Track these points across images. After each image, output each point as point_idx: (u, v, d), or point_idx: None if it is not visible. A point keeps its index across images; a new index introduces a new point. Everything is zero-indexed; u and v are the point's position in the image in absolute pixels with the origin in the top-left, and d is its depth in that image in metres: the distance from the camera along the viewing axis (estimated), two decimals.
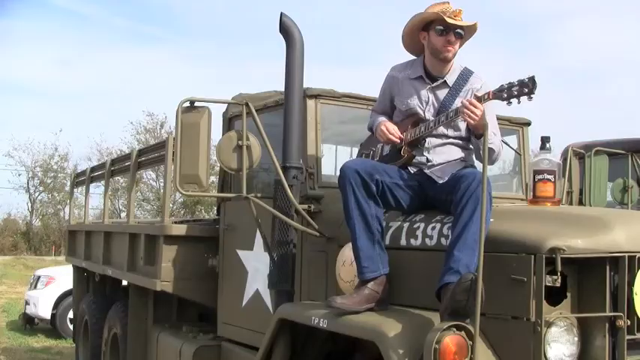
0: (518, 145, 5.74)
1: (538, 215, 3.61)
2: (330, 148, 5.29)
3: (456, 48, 4.00)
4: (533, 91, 3.51)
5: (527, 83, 3.51)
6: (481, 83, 4.03)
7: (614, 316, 3.29)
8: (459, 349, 3.08)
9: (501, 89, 3.61)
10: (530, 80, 3.51)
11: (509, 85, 3.58)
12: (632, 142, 7.29)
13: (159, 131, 31.94)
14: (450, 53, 3.99)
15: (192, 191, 4.59)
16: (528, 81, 3.51)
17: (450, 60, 4.03)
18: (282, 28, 4.55)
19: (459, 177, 3.67)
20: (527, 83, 3.51)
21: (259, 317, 4.88)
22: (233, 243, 5.45)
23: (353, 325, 3.58)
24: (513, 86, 3.55)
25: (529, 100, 3.54)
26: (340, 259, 4.06)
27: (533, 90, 3.51)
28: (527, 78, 3.52)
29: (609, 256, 3.31)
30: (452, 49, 3.97)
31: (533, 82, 3.50)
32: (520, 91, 3.53)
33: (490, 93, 3.68)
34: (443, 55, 3.99)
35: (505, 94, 3.58)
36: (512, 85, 3.56)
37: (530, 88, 3.51)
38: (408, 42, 4.19)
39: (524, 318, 3.23)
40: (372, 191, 3.77)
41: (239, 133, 4.59)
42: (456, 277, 3.27)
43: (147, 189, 31.67)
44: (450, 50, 3.97)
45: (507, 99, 3.59)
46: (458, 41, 3.99)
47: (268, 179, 5.14)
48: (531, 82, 3.51)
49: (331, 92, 4.88)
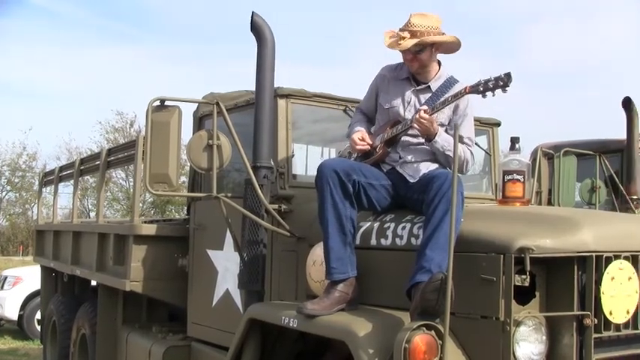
0: (488, 146, 5.78)
1: (507, 215, 3.64)
2: (301, 147, 5.29)
3: (420, 61, 4.09)
4: (508, 84, 3.65)
5: (503, 78, 3.66)
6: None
7: (581, 314, 3.32)
8: (428, 348, 3.08)
9: (478, 84, 3.75)
10: (506, 75, 3.66)
11: (485, 80, 3.72)
12: (599, 143, 7.39)
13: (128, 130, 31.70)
14: (413, 68, 4.14)
15: (162, 191, 4.56)
16: (504, 76, 3.66)
17: (417, 72, 4.16)
18: (253, 27, 4.54)
19: (431, 177, 3.70)
20: (503, 78, 3.66)
21: (229, 317, 4.86)
22: (203, 243, 5.42)
23: (323, 325, 3.58)
24: (489, 81, 3.70)
25: (503, 92, 3.68)
26: (311, 259, 4.06)
27: (508, 83, 3.65)
28: (504, 74, 3.67)
29: (577, 255, 3.34)
30: (415, 64, 4.11)
31: (508, 77, 3.65)
32: (496, 84, 3.68)
33: (467, 87, 3.82)
34: (410, 69, 4.17)
35: (481, 88, 3.73)
36: (488, 80, 3.70)
37: (505, 82, 3.65)
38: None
39: (494, 317, 3.25)
40: (349, 192, 3.79)
41: (209, 132, 4.58)
42: (427, 277, 3.28)
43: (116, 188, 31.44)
44: (413, 65, 4.12)
45: (483, 92, 3.73)
46: (419, 55, 4.06)
47: (239, 179, 5.13)
48: (507, 77, 3.65)
49: (302, 92, 4.88)
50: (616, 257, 3.41)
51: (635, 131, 6.98)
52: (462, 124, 4.09)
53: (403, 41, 4.01)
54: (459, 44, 4.18)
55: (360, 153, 4.20)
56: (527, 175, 4.00)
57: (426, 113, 3.89)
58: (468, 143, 4.15)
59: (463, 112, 4.12)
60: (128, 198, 28.83)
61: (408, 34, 4.01)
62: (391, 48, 4.07)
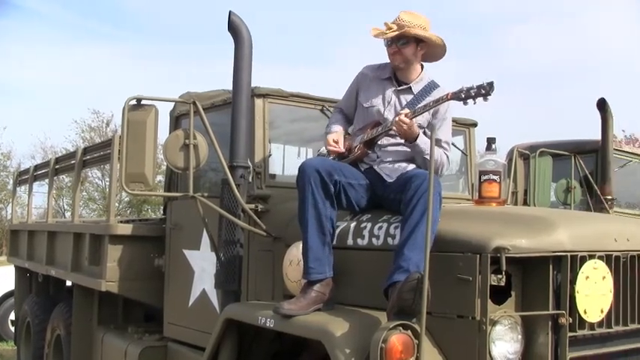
0: (465, 146, 5.81)
1: (483, 215, 3.65)
2: (278, 147, 5.28)
3: (403, 55, 4.11)
4: (490, 93, 3.66)
5: (485, 86, 3.67)
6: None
7: (556, 314, 3.34)
8: (405, 348, 3.09)
9: (460, 91, 3.76)
10: (488, 84, 3.66)
11: (468, 88, 3.72)
12: (575, 143, 7.44)
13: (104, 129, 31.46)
14: (396, 62, 4.13)
15: (139, 190, 4.53)
16: (487, 85, 3.67)
17: (398, 67, 4.16)
18: (230, 26, 4.53)
19: (409, 177, 3.72)
20: (485, 86, 3.67)
21: (206, 317, 4.84)
22: (179, 243, 5.40)
23: (300, 324, 3.58)
24: (472, 89, 3.70)
25: (485, 100, 3.69)
26: (287, 259, 4.05)
27: (490, 92, 3.66)
28: (486, 82, 3.68)
29: (552, 255, 3.36)
30: (398, 57, 4.11)
31: (490, 86, 3.66)
32: (478, 92, 3.68)
33: (449, 94, 3.82)
34: (392, 63, 4.16)
35: (463, 95, 3.74)
36: (470, 87, 3.71)
37: (487, 90, 3.66)
38: None
39: (470, 317, 3.26)
40: (330, 192, 3.79)
41: (186, 131, 4.56)
42: (404, 276, 3.29)
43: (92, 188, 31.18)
44: (396, 59, 4.12)
45: (465, 99, 3.74)
46: (404, 49, 4.09)
47: (215, 178, 5.12)
48: (489, 86, 3.66)
49: (279, 92, 4.87)
50: (590, 257, 3.44)
51: (610, 132, 7.06)
52: (441, 127, 4.11)
53: (389, 31, 4.05)
54: (444, 49, 4.22)
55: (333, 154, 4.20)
56: (503, 175, 4.02)
57: (407, 117, 3.90)
58: (445, 147, 4.16)
59: (442, 116, 4.13)
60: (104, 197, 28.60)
61: (395, 26, 4.06)
62: (377, 37, 4.10)
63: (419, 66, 4.22)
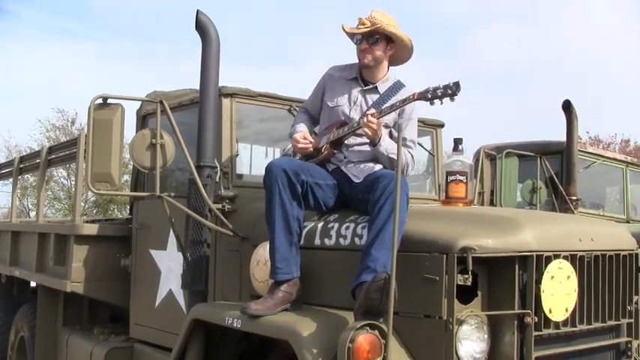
0: (432, 147, 5.83)
1: (450, 215, 3.67)
2: (246, 147, 5.26)
3: (374, 53, 4.12)
4: (457, 93, 3.70)
5: (451, 86, 3.70)
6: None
7: (522, 313, 3.37)
8: (372, 347, 3.09)
9: (427, 91, 3.79)
10: (454, 84, 3.70)
11: (434, 88, 3.75)
12: (541, 144, 7.53)
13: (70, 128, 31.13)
14: (366, 59, 4.13)
15: (104, 190, 4.50)
16: (453, 85, 3.70)
17: (367, 65, 4.16)
18: (198, 25, 4.50)
19: (376, 177, 3.73)
20: (451, 86, 3.70)
21: (172, 318, 4.81)
22: (146, 243, 5.36)
23: (267, 324, 3.57)
24: (438, 89, 3.74)
25: (451, 101, 3.72)
26: (254, 259, 4.04)
27: (456, 92, 3.70)
28: (452, 82, 3.71)
29: (518, 255, 3.39)
30: (367, 55, 4.12)
31: (457, 86, 3.69)
32: (444, 92, 3.72)
33: (416, 94, 3.85)
34: (361, 61, 4.16)
35: (430, 95, 3.77)
36: (437, 87, 3.74)
37: (453, 90, 3.69)
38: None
39: (437, 316, 3.28)
40: (298, 192, 3.79)
41: (153, 131, 4.53)
42: (371, 276, 3.29)
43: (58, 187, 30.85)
44: (366, 57, 4.12)
45: (431, 99, 3.77)
46: (375, 47, 4.11)
47: (182, 178, 5.09)
48: (455, 86, 3.69)
49: (247, 91, 4.86)
50: (556, 257, 3.47)
51: (575, 133, 7.15)
52: (407, 127, 4.12)
53: (363, 27, 4.07)
54: (411, 52, 4.26)
55: (301, 152, 4.20)
56: (469, 175, 4.05)
57: (374, 117, 3.91)
58: (410, 146, 4.18)
59: (409, 116, 4.15)
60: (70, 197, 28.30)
61: (368, 23, 4.07)
62: (350, 31, 4.12)
63: (386, 66, 4.23)
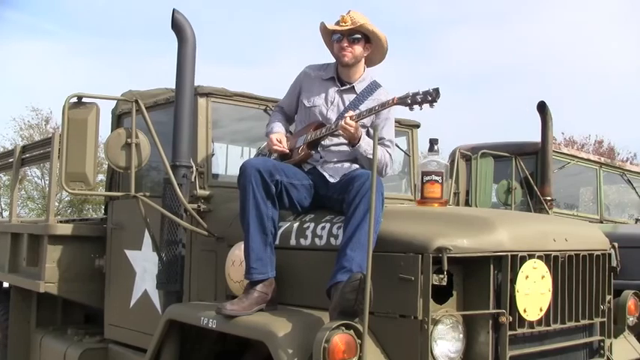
0: (408, 147, 5.85)
1: (426, 216, 3.68)
2: (221, 147, 5.25)
3: (354, 52, 4.14)
4: (436, 99, 3.72)
5: (431, 93, 3.73)
6: (387, 96, 4.15)
7: (497, 313, 3.39)
8: (347, 347, 3.09)
9: (406, 96, 3.80)
10: (434, 91, 3.72)
11: (414, 93, 3.77)
12: (516, 145, 7.56)
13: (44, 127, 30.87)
14: (346, 57, 4.14)
15: (79, 190, 4.46)
16: (432, 91, 3.72)
17: (347, 63, 4.17)
18: (174, 24, 4.48)
19: (352, 177, 3.73)
20: (431, 93, 3.73)
21: (147, 318, 4.79)
22: (121, 243, 5.33)
23: (242, 325, 3.56)
24: (418, 94, 3.75)
25: (431, 107, 3.75)
26: (230, 259, 4.03)
27: (436, 99, 3.72)
28: (432, 89, 3.73)
29: (493, 255, 3.42)
30: (347, 52, 4.13)
31: (436, 93, 3.72)
32: (424, 98, 3.73)
33: (395, 99, 3.86)
34: (341, 59, 4.17)
35: (409, 101, 3.78)
36: (416, 93, 3.76)
37: (433, 97, 3.72)
38: (327, 45, 4.34)
39: (412, 316, 3.29)
40: (272, 192, 3.78)
41: (128, 130, 4.51)
42: (347, 276, 3.30)
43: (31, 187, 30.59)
44: (346, 55, 4.13)
45: (410, 104, 3.78)
46: (355, 45, 4.14)
47: (158, 178, 5.07)
48: (435, 93, 3.72)
49: (222, 91, 4.84)
50: (530, 256, 3.50)
51: (550, 134, 7.19)
52: (384, 127, 4.14)
53: (345, 25, 4.09)
54: (384, 54, 4.29)
55: (276, 154, 4.19)
56: (445, 176, 4.07)
57: (352, 119, 3.91)
58: (388, 145, 4.19)
59: (386, 116, 4.16)
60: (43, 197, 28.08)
61: (349, 20, 4.09)
62: (332, 29, 4.13)
63: (363, 66, 4.25)
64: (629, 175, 8.63)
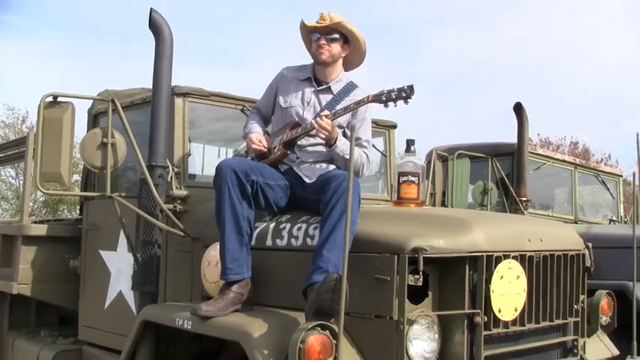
0: (384, 148, 5.87)
1: (402, 216, 3.69)
2: (198, 147, 5.23)
3: (331, 50, 4.17)
4: (411, 96, 3.75)
5: (405, 90, 3.75)
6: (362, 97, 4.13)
7: (472, 313, 3.41)
8: (323, 348, 3.09)
9: (381, 93, 3.83)
10: (408, 87, 3.75)
11: (388, 91, 3.79)
12: (492, 146, 7.60)
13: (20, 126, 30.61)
14: (324, 55, 4.16)
15: (54, 190, 4.44)
16: (407, 88, 3.75)
17: (324, 62, 4.19)
18: (151, 24, 4.46)
19: (328, 177, 3.74)
20: (405, 90, 3.75)
21: (122, 319, 4.76)
22: (96, 243, 5.29)
23: (218, 326, 3.55)
24: (392, 92, 3.78)
25: (405, 104, 3.78)
26: (206, 260, 4.02)
27: (410, 96, 3.75)
28: (407, 86, 3.76)
29: (469, 255, 3.43)
30: (324, 51, 4.16)
31: (411, 90, 3.75)
32: (398, 95, 3.76)
33: (370, 96, 3.88)
34: (318, 58, 4.19)
35: (384, 98, 3.81)
36: (391, 90, 3.78)
37: (407, 94, 3.75)
38: (306, 45, 4.35)
39: (388, 316, 3.30)
40: (248, 192, 3.77)
41: (104, 130, 4.49)
42: (323, 277, 3.30)
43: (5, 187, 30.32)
44: (323, 52, 4.16)
45: (385, 102, 3.81)
46: (332, 44, 4.16)
47: (134, 178, 5.04)
48: (409, 89, 3.75)
49: (200, 91, 4.83)
50: (505, 257, 3.52)
51: (526, 135, 7.24)
52: (361, 127, 4.15)
53: (324, 22, 4.11)
54: (363, 57, 4.32)
55: (255, 153, 4.19)
56: (421, 176, 4.08)
57: (328, 119, 3.92)
58: (365, 146, 4.20)
59: (362, 116, 4.18)
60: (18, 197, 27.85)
61: (328, 18, 4.12)
62: (311, 26, 4.15)
63: (340, 66, 4.26)
64: (603, 176, 8.71)
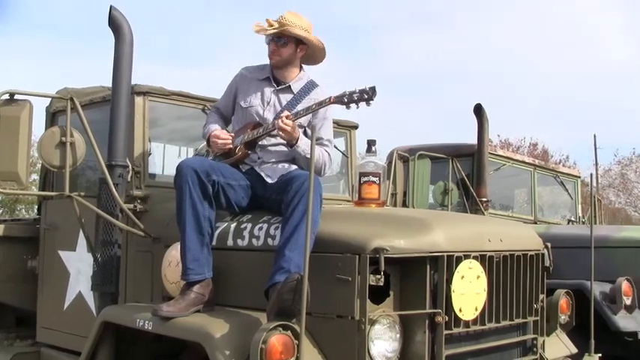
0: (346, 148, 5.88)
1: (363, 216, 3.70)
2: (159, 146, 5.20)
3: (282, 54, 4.17)
4: (373, 98, 3.75)
5: (367, 91, 3.75)
6: (324, 95, 4.15)
7: (433, 312, 3.43)
8: (285, 348, 3.09)
9: (343, 95, 3.82)
10: (370, 89, 3.75)
11: (350, 92, 3.79)
12: (452, 147, 7.66)
13: None
14: (273, 59, 4.19)
15: (11, 189, 4.38)
16: (369, 90, 3.75)
17: (276, 66, 4.21)
18: (111, 21, 4.42)
19: (290, 177, 3.74)
20: (367, 91, 3.75)
21: (82, 320, 4.71)
22: (55, 243, 5.22)
23: (179, 326, 3.53)
24: (354, 93, 3.77)
25: (367, 105, 3.77)
26: (166, 260, 3.99)
27: (372, 97, 3.75)
28: (369, 87, 3.75)
29: (429, 255, 3.45)
30: (277, 56, 4.17)
31: (373, 91, 3.74)
32: (360, 97, 3.76)
33: (332, 98, 3.87)
34: (271, 61, 4.20)
35: (346, 99, 3.80)
36: (353, 92, 3.78)
37: (369, 95, 3.74)
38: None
39: (349, 316, 3.30)
40: (209, 192, 3.76)
41: (63, 129, 4.44)
42: (284, 277, 3.30)
43: None
44: (275, 57, 4.17)
45: (347, 103, 3.80)
46: (282, 49, 4.16)
47: (93, 177, 4.99)
48: (371, 91, 3.74)
49: (160, 90, 4.79)
50: (466, 257, 3.55)
51: (486, 136, 7.30)
52: (322, 127, 4.15)
53: (270, 28, 4.10)
54: (324, 53, 4.29)
55: (220, 150, 4.17)
56: (382, 177, 4.10)
57: (289, 119, 3.91)
58: (326, 145, 4.21)
59: (323, 116, 4.18)
60: None
61: (277, 24, 4.10)
62: (257, 33, 4.13)
63: (298, 66, 4.25)
64: (562, 178, 8.82)
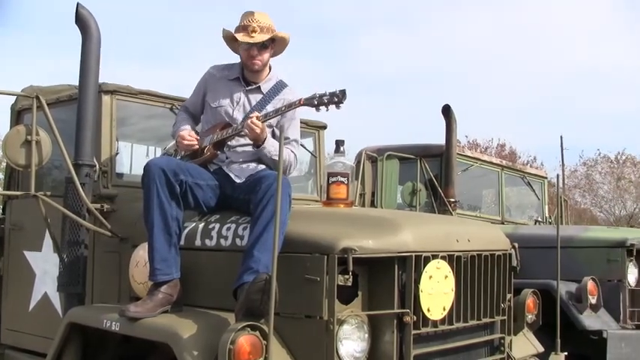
0: (314, 148, 5.88)
1: (331, 216, 3.71)
2: (126, 145, 5.16)
3: (263, 59, 4.16)
4: (342, 101, 3.76)
5: (337, 94, 3.75)
6: (293, 95, 4.16)
7: (401, 312, 3.45)
8: (253, 349, 3.09)
9: (313, 97, 3.82)
10: (340, 92, 3.76)
11: (320, 95, 3.79)
12: (421, 147, 7.69)
13: None
14: (256, 65, 4.17)
15: None
16: (339, 92, 3.75)
17: (256, 71, 4.19)
18: (78, 19, 4.38)
19: (259, 177, 3.73)
20: (337, 94, 3.75)
21: (48, 322, 4.66)
22: (20, 244, 5.17)
23: (146, 327, 3.51)
24: (324, 96, 3.78)
25: (337, 108, 3.78)
26: (134, 260, 3.96)
27: (342, 100, 3.75)
28: (339, 90, 3.76)
29: (398, 255, 3.47)
30: (256, 61, 4.15)
31: (343, 94, 3.75)
32: (330, 100, 3.76)
33: (302, 100, 3.87)
34: (251, 67, 4.18)
35: (316, 102, 3.80)
36: (323, 94, 3.78)
37: (339, 98, 3.75)
38: (230, 47, 4.30)
39: (318, 316, 3.31)
40: (176, 192, 3.74)
41: (28, 127, 4.38)
42: (253, 277, 3.29)
43: None
44: (255, 63, 4.15)
45: (317, 106, 3.80)
46: (264, 52, 4.15)
47: (60, 177, 4.94)
48: (341, 94, 3.75)
49: (128, 88, 4.76)
50: (434, 257, 3.57)
51: (454, 137, 7.34)
52: (289, 127, 4.16)
53: (256, 34, 4.06)
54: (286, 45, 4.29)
55: (187, 150, 4.15)
56: (351, 177, 4.11)
57: (258, 120, 3.90)
58: (293, 145, 4.21)
59: (291, 116, 4.18)
60: None
61: (258, 29, 4.06)
62: (245, 41, 4.08)
63: (268, 66, 4.25)
64: (529, 178, 8.90)
